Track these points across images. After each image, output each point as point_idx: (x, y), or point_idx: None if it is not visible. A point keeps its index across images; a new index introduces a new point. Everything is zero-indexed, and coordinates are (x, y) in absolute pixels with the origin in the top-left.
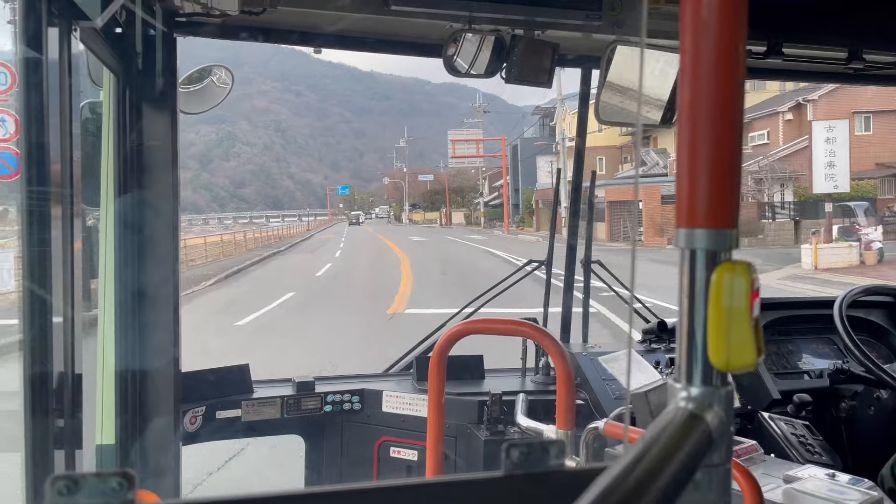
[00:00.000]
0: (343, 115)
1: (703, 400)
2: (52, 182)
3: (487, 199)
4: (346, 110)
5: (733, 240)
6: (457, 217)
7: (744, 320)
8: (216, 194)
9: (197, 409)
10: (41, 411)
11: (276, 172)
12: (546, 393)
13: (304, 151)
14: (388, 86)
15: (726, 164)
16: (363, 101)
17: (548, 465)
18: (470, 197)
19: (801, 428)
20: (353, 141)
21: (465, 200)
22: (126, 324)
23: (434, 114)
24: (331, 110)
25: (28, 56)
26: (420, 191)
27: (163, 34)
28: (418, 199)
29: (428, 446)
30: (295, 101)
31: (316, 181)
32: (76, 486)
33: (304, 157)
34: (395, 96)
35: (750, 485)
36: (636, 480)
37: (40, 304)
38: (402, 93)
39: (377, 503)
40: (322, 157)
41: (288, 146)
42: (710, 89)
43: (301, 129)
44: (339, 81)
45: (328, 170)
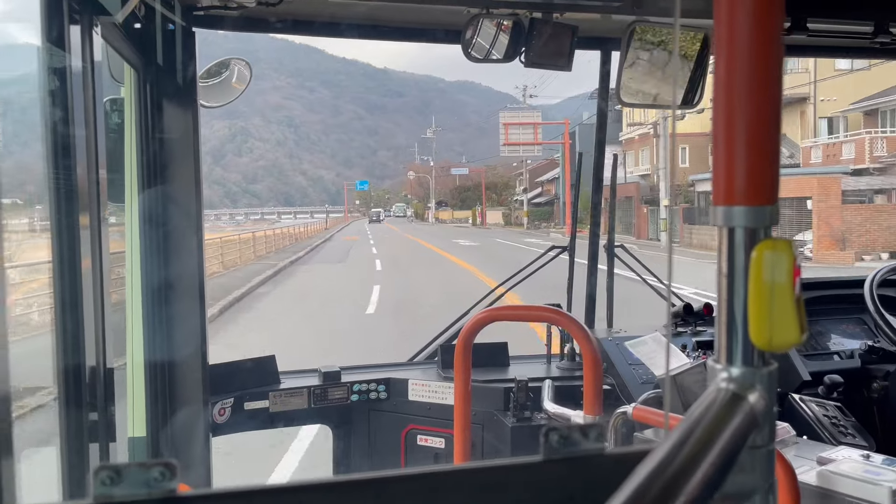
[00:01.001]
0: (356, 111)
1: (745, 380)
2: (78, 179)
3: (531, 195)
4: (359, 107)
5: (773, 216)
6: (493, 216)
7: (786, 298)
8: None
9: (225, 400)
10: (74, 405)
11: (289, 168)
12: (572, 379)
13: (316, 148)
14: (402, 83)
15: (764, 139)
16: (377, 98)
17: (587, 449)
18: (506, 194)
19: (832, 409)
20: (365, 138)
21: (501, 198)
22: (154, 317)
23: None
24: (344, 107)
25: (52, 53)
26: (448, 187)
27: (182, 28)
28: (445, 196)
29: (455, 433)
30: (308, 98)
31: (328, 178)
32: (119, 477)
33: (317, 154)
34: (409, 93)
35: (783, 467)
36: (681, 463)
37: (71, 300)
38: (415, 90)
39: (415, 489)
40: (335, 153)
41: (301, 142)
42: (747, 62)
43: (314, 126)
44: (352, 78)
45: (341, 166)
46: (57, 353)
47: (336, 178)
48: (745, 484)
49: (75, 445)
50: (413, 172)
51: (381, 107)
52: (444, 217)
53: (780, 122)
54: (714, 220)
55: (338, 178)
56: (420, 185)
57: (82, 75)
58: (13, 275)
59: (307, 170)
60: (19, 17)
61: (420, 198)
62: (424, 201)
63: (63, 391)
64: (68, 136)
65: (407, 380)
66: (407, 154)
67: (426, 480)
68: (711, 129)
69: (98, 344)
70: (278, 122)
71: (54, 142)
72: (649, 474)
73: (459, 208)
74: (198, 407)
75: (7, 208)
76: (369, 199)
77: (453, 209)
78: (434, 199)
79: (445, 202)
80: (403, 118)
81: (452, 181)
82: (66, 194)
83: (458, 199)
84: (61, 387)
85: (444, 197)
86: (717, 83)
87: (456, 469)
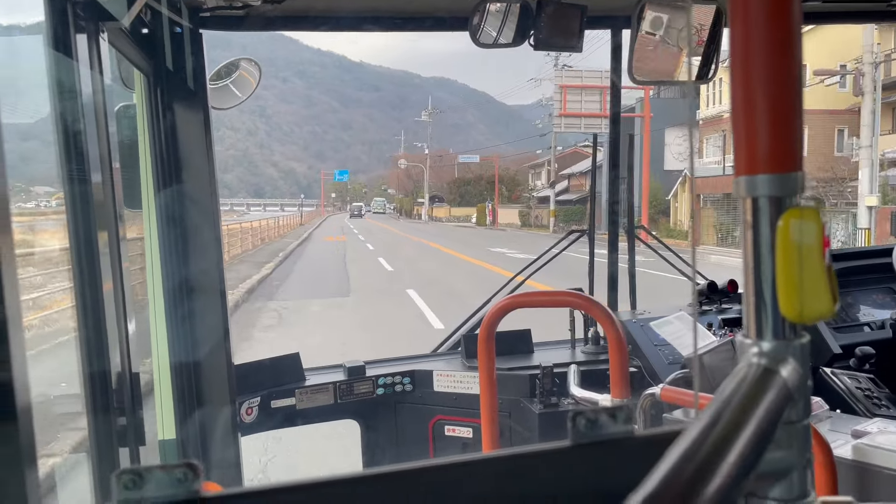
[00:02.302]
0: (330, 104)
1: (777, 354)
2: (93, 186)
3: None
4: (333, 99)
5: (799, 183)
6: (505, 215)
7: (817, 267)
8: None
9: (252, 399)
10: (102, 411)
11: (260, 159)
12: (597, 363)
13: (288, 139)
14: (378, 77)
15: (787, 101)
16: (351, 91)
17: (616, 431)
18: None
19: (865, 381)
20: (339, 131)
21: (513, 194)
22: (177, 320)
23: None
24: (318, 98)
25: (60, 62)
26: (444, 179)
27: (189, 30)
28: (441, 191)
29: (483, 422)
30: (281, 87)
31: (300, 170)
32: (142, 480)
33: (289, 145)
34: (385, 88)
35: (818, 443)
36: (714, 442)
37: (93, 307)
38: (391, 84)
39: (444, 479)
40: (307, 145)
41: (272, 133)
42: (764, 22)
43: (286, 116)
44: (327, 70)
45: (313, 159)
46: (82, 359)
47: (308, 170)
48: (780, 461)
49: (105, 450)
50: (405, 161)
51: (355, 100)
52: (440, 214)
53: (801, 84)
54: (736, 191)
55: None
56: (409, 178)
57: (91, 83)
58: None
59: (278, 161)
60: (25, 29)
61: (407, 191)
62: (413, 195)
63: (90, 397)
64: (82, 144)
65: (431, 371)
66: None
67: (454, 470)
68: (730, 95)
69: (123, 349)
70: (250, 112)
71: (68, 150)
72: (682, 455)
73: (458, 204)
74: (225, 407)
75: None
76: (346, 193)
77: (451, 205)
78: (428, 194)
79: (441, 197)
80: (378, 113)
81: (449, 173)
82: (83, 202)
83: (455, 193)
84: (88, 392)
85: (440, 191)
86: (733, 47)
87: (484, 457)
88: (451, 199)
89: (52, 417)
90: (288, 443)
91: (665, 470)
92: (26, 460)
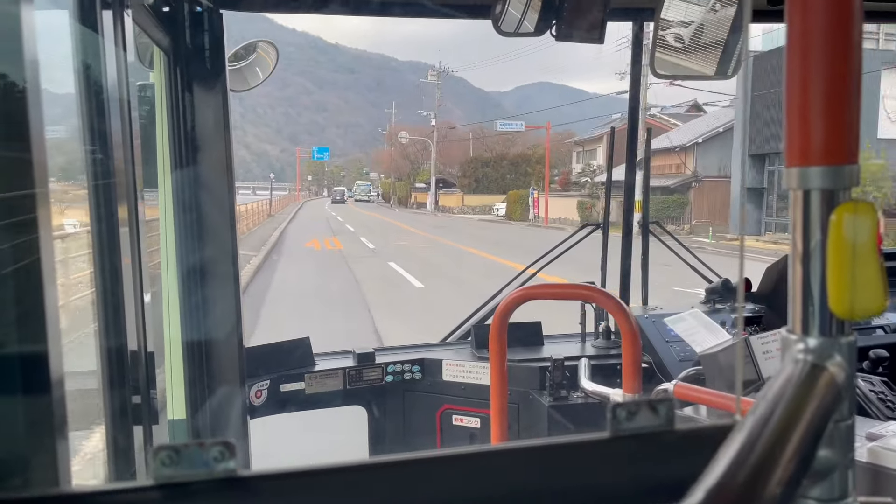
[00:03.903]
0: (305, 85)
1: (824, 351)
2: (115, 165)
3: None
4: (308, 81)
5: (854, 177)
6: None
7: (870, 262)
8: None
9: (262, 382)
10: (118, 389)
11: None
12: (608, 357)
13: (261, 121)
14: (354, 59)
15: (844, 91)
16: (327, 73)
17: (656, 425)
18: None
19: (879, 384)
20: (314, 114)
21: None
22: (190, 301)
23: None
24: (292, 80)
25: (86, 38)
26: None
27: (209, 9)
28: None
29: (492, 413)
30: None
31: (273, 153)
32: (178, 457)
33: (262, 127)
34: (361, 70)
35: None
36: (770, 439)
37: (112, 285)
38: (368, 67)
39: (479, 468)
40: (280, 127)
41: (246, 114)
42: (823, 8)
43: (259, 98)
44: (302, 50)
45: (286, 142)
46: (100, 337)
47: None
48: (826, 461)
49: (120, 428)
50: (406, 134)
51: (331, 82)
52: (450, 203)
53: (860, 73)
54: (788, 182)
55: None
56: (404, 157)
57: (116, 59)
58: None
59: (251, 143)
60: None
61: (401, 174)
62: (409, 179)
63: (107, 375)
64: (105, 120)
65: (441, 360)
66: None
67: (487, 458)
68: (785, 83)
69: (139, 328)
70: None
71: (91, 128)
72: (737, 454)
73: (473, 190)
74: (235, 389)
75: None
76: (323, 176)
77: (464, 192)
78: (434, 177)
79: (450, 181)
80: (354, 95)
81: (460, 151)
82: (105, 181)
83: (470, 177)
84: (104, 370)
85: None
86: (790, 32)
87: (519, 447)
88: (467, 185)
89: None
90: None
91: (722, 468)
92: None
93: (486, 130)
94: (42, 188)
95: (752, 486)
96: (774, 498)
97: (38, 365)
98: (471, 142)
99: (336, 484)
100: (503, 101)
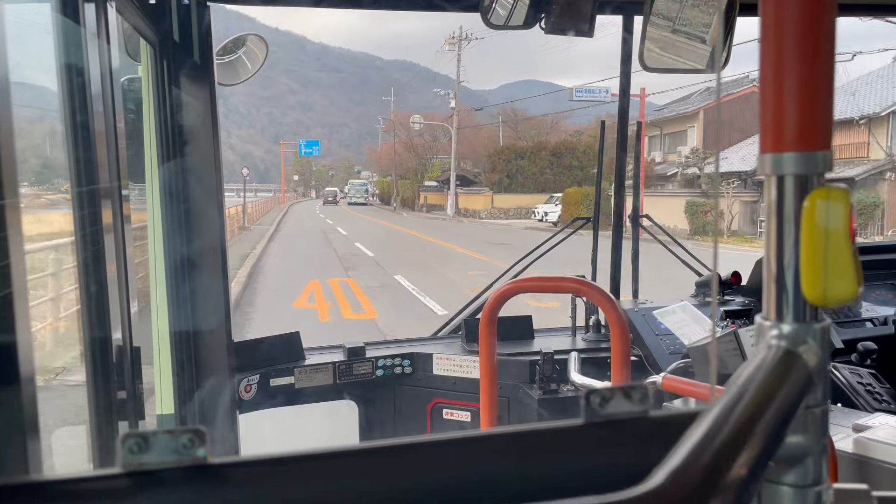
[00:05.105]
0: (289, 85)
1: (798, 336)
2: (98, 158)
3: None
4: (292, 80)
5: (826, 162)
6: (654, 210)
7: (843, 249)
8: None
9: (251, 377)
10: (103, 383)
11: None
12: (598, 350)
13: (245, 121)
14: (339, 58)
15: (818, 77)
16: (311, 72)
17: (630, 411)
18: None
19: (867, 376)
20: (299, 113)
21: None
22: (178, 296)
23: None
24: (276, 79)
25: (68, 30)
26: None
27: (196, 3)
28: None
29: (482, 406)
30: None
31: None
32: (147, 444)
33: (246, 128)
34: (346, 70)
35: None
36: (736, 424)
37: (96, 280)
38: (352, 66)
39: (456, 453)
40: (264, 128)
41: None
42: None
43: (243, 98)
44: (286, 50)
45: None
46: (84, 332)
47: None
48: (797, 447)
49: (105, 423)
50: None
51: (315, 82)
52: (476, 206)
53: (833, 59)
54: (762, 168)
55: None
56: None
57: (98, 52)
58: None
59: (235, 144)
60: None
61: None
62: (416, 176)
63: (91, 370)
64: (87, 115)
65: (431, 354)
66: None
67: (463, 444)
68: (759, 69)
69: (124, 322)
70: None
71: (73, 121)
72: (703, 437)
73: (505, 189)
74: (224, 384)
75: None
76: (311, 176)
77: (493, 192)
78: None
79: (469, 178)
80: (339, 95)
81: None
82: (87, 174)
83: (502, 172)
84: (89, 365)
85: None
86: (763, 21)
87: (496, 433)
88: (497, 182)
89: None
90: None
91: (685, 451)
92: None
93: (520, 113)
94: (10, 185)
95: (715, 469)
96: (739, 480)
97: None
98: (500, 128)
99: (309, 471)
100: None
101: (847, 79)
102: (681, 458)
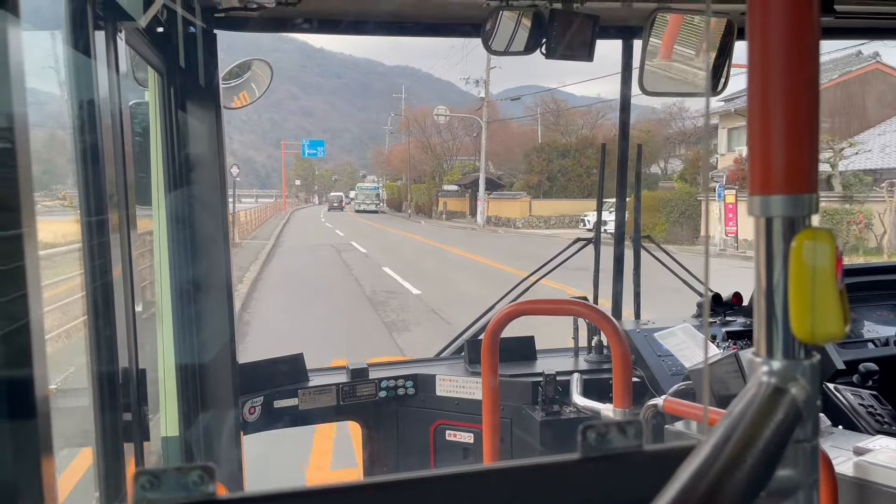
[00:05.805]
0: (291, 91)
1: (787, 373)
2: (106, 183)
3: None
4: (294, 86)
5: (812, 205)
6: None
7: (829, 289)
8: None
9: (255, 399)
10: (109, 406)
11: None
12: (600, 372)
13: (246, 127)
14: (340, 64)
15: (803, 123)
16: (313, 77)
17: (625, 446)
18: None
19: (868, 398)
20: (300, 119)
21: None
22: (183, 318)
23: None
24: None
25: (78, 60)
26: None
27: (203, 31)
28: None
29: (484, 428)
30: None
31: (259, 159)
32: (158, 481)
33: (247, 133)
34: (347, 75)
35: (821, 459)
36: (725, 461)
37: (104, 303)
38: (354, 72)
39: (451, 490)
40: (266, 133)
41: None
42: (782, 43)
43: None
44: (288, 55)
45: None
46: (91, 354)
47: (267, 159)
48: (788, 480)
49: (111, 446)
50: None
51: (317, 87)
52: (512, 214)
53: (818, 106)
54: (751, 210)
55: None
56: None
57: (108, 80)
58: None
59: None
60: (45, 25)
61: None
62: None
63: (97, 392)
64: (96, 141)
65: (434, 375)
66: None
67: (462, 480)
68: (747, 114)
69: (130, 345)
70: None
71: (83, 147)
72: (694, 473)
73: (547, 194)
74: (228, 406)
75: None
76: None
77: (531, 196)
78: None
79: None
80: (341, 100)
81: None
82: (96, 199)
83: (541, 173)
84: (96, 388)
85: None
86: (751, 66)
87: (493, 468)
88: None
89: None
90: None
91: (677, 488)
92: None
93: (560, 102)
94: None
95: (708, 502)
96: None
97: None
98: (538, 120)
99: None
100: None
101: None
102: (675, 491)
